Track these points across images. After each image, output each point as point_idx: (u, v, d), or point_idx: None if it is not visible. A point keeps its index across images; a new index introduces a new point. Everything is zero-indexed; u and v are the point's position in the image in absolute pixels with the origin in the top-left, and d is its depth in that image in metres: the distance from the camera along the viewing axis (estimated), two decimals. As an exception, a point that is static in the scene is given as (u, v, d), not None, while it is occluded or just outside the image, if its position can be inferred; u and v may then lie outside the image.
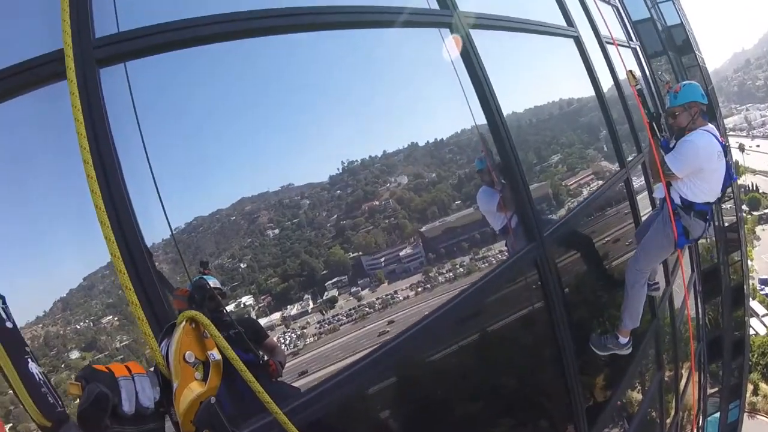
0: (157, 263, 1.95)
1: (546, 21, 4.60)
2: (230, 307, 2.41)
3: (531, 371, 3.50)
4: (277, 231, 2.51)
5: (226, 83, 2.44)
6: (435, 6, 3.13)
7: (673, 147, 3.43)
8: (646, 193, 5.52)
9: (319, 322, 2.62)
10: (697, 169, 3.32)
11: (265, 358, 2.25)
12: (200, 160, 2.28)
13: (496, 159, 3.24)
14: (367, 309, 2.73)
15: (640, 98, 3.79)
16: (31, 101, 1.89)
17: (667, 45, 14.57)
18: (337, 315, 2.69)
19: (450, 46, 3.04)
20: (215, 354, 1.23)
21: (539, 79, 4.42)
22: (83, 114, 1.56)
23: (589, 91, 4.71)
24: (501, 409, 3.24)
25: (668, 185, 3.51)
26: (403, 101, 3.03)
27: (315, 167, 2.54)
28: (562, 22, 4.78)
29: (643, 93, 3.92)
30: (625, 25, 9.00)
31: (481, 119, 3.13)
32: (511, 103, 3.55)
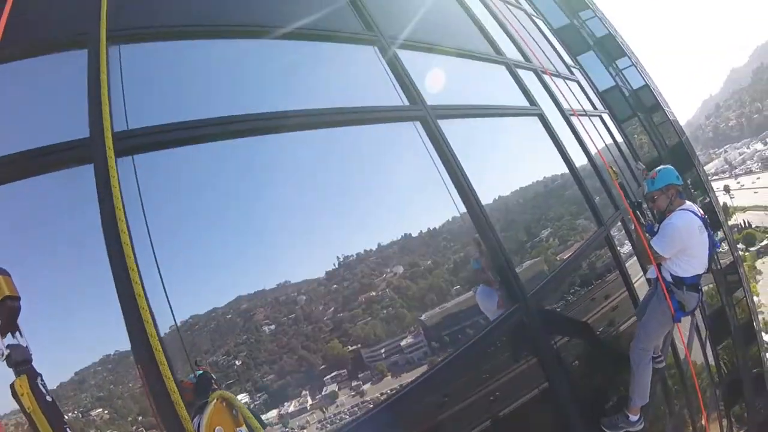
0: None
1: (511, 104, 4.89)
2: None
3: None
4: (273, 327, 2.40)
5: (221, 184, 2.48)
6: (405, 102, 3.32)
7: (657, 230, 3.58)
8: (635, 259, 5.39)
9: (320, 422, 2.37)
10: (682, 248, 3.46)
11: None
12: (196, 259, 2.26)
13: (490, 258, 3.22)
14: (371, 405, 2.49)
15: (622, 190, 3.92)
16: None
17: (636, 107, 15.19)
18: (339, 413, 2.44)
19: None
20: (243, 430, 1.31)
21: (522, 160, 4.59)
22: (116, 200, 1.59)
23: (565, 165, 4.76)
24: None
25: (659, 265, 3.63)
26: (395, 195, 3.07)
27: (311, 265, 2.52)
28: (526, 103, 5.04)
29: (624, 186, 4.05)
30: (589, 98, 9.47)
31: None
32: (496, 188, 3.58)
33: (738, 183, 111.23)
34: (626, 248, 5.37)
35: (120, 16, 2.37)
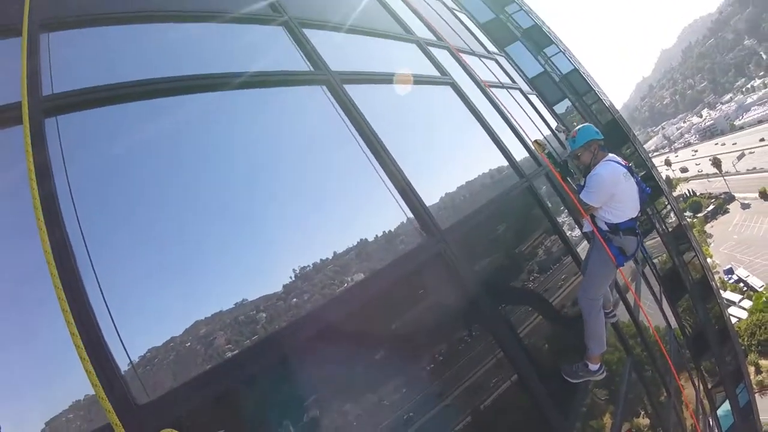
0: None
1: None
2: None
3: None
4: (236, 352, 2.37)
5: (167, 204, 2.48)
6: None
7: (584, 184, 3.81)
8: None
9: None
10: (609, 195, 3.68)
11: None
12: (150, 283, 2.25)
13: None
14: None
15: (549, 160, 4.27)
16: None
17: (567, 91, 16.14)
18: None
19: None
20: None
21: (439, 129, 4.70)
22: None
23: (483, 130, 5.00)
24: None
25: (592, 217, 3.85)
26: (342, 201, 3.15)
27: (266, 279, 2.51)
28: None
29: (552, 155, 4.30)
30: (510, 76, 9.83)
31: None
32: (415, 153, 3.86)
33: (676, 157, 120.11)
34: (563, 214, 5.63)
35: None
